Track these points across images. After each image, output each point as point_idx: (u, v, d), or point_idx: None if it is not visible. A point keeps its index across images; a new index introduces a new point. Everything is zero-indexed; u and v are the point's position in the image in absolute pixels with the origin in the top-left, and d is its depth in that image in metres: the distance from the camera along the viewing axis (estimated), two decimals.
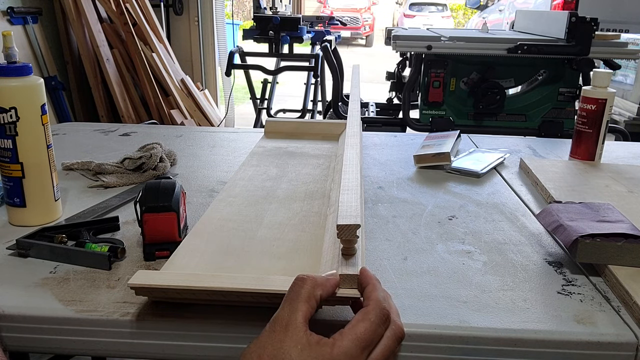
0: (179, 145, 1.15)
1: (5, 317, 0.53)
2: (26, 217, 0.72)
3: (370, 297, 0.44)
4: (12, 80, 0.67)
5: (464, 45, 2.11)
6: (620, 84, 3.00)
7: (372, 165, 1.03)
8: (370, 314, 0.42)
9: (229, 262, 0.59)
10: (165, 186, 0.64)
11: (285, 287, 0.50)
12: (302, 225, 0.69)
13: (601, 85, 0.98)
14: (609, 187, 0.89)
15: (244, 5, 11.99)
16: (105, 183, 0.87)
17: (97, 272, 0.60)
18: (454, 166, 1.00)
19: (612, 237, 0.61)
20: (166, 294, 0.52)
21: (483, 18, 7.16)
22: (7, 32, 0.68)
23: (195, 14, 4.46)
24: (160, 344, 0.52)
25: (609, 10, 4.07)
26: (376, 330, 0.42)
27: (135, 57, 3.60)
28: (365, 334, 0.41)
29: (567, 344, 0.51)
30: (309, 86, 3.60)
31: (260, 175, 0.88)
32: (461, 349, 0.51)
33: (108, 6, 3.57)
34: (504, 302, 0.56)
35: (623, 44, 2.11)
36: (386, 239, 0.71)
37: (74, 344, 0.53)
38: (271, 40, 3.30)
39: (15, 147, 0.68)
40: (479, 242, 0.70)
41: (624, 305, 0.56)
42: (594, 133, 1.00)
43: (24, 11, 3.20)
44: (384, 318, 0.42)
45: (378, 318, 0.42)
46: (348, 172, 0.67)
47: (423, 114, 2.26)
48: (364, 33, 13.93)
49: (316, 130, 1.16)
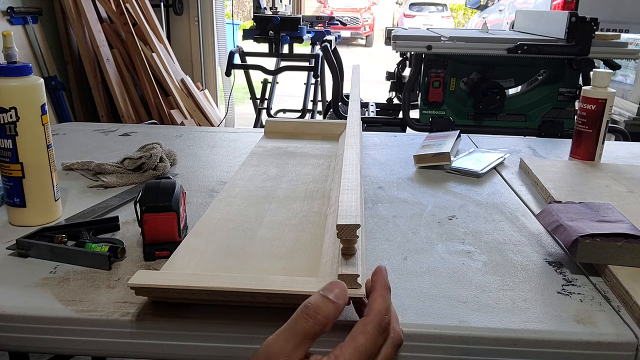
0: (179, 145, 1.15)
1: (5, 317, 0.53)
2: (26, 217, 0.72)
3: (372, 306, 0.43)
4: (12, 80, 0.67)
5: (464, 45, 2.11)
6: (620, 84, 3.00)
7: (372, 165, 1.03)
8: (369, 325, 0.41)
9: (229, 262, 0.59)
10: (165, 186, 0.64)
11: (285, 287, 0.50)
12: (302, 225, 0.69)
13: (601, 85, 0.98)
14: (609, 187, 0.89)
15: (244, 5, 11.99)
16: (105, 183, 0.87)
17: (97, 272, 0.60)
18: (454, 166, 1.00)
19: (612, 237, 0.61)
20: (166, 294, 0.52)
21: (483, 18, 7.16)
22: (7, 32, 0.68)
23: (195, 14, 4.46)
24: (160, 344, 0.52)
25: (609, 10, 4.07)
26: (375, 342, 0.41)
27: (135, 57, 3.60)
28: (365, 347, 0.40)
29: (567, 344, 0.51)
30: (309, 86, 3.60)
31: (260, 175, 0.88)
32: (461, 349, 0.51)
33: (108, 6, 3.58)
34: (504, 302, 0.56)
35: (623, 44, 2.11)
36: (386, 239, 0.71)
37: (74, 344, 0.53)
38: (271, 40, 3.30)
39: (15, 147, 0.68)
40: (479, 242, 0.70)
41: (624, 305, 0.56)
42: (594, 133, 1.00)
43: (24, 11, 3.20)
44: (382, 329, 0.42)
45: (377, 330, 0.41)
46: (348, 172, 0.67)
47: (423, 114, 2.26)
48: (364, 33, 13.93)
49: (316, 130, 1.16)
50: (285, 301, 0.50)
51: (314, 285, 0.50)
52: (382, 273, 0.46)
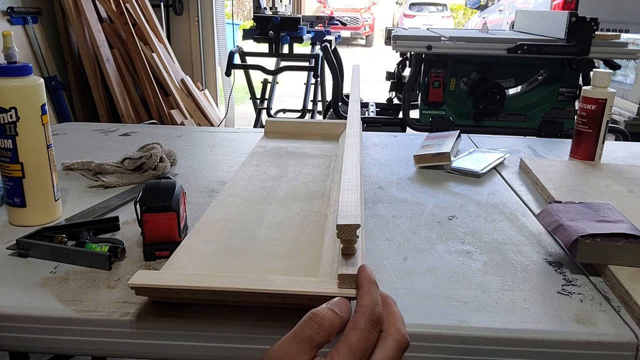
0: (179, 145, 1.15)
1: (5, 317, 0.53)
2: (26, 217, 0.72)
3: (360, 303, 0.43)
4: (12, 80, 0.67)
5: (464, 45, 2.11)
6: (620, 84, 3.00)
7: (372, 165, 1.03)
8: (360, 321, 0.41)
9: (229, 262, 0.59)
10: (165, 186, 0.64)
11: (285, 287, 0.50)
12: (302, 225, 0.69)
13: (601, 85, 0.98)
14: (609, 187, 0.89)
15: (244, 5, 11.99)
16: (105, 183, 0.87)
17: (97, 272, 0.60)
18: (454, 166, 1.00)
19: (612, 237, 0.61)
20: (166, 294, 0.52)
21: (483, 18, 7.16)
22: (7, 32, 0.68)
23: (195, 14, 4.46)
24: (160, 344, 0.52)
25: (609, 10, 4.07)
26: (368, 336, 0.41)
27: (135, 57, 3.60)
28: (358, 344, 0.40)
29: (567, 344, 0.51)
30: (309, 86, 3.60)
31: (260, 175, 0.88)
32: (461, 349, 0.51)
33: (108, 6, 3.58)
34: (504, 302, 0.56)
35: (623, 44, 2.11)
36: (386, 239, 0.71)
37: (74, 344, 0.53)
38: (271, 40, 3.30)
39: (15, 147, 0.68)
40: (479, 242, 0.70)
41: (624, 305, 0.56)
42: (594, 133, 1.00)
43: (24, 11, 3.20)
44: (374, 322, 0.42)
45: (368, 324, 0.41)
46: (348, 172, 0.67)
47: (423, 114, 2.26)
48: (364, 33, 13.93)
49: (316, 130, 1.16)
50: (285, 301, 0.50)
51: (314, 285, 0.50)
52: (365, 270, 0.47)
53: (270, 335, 0.51)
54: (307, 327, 0.40)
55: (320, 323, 0.40)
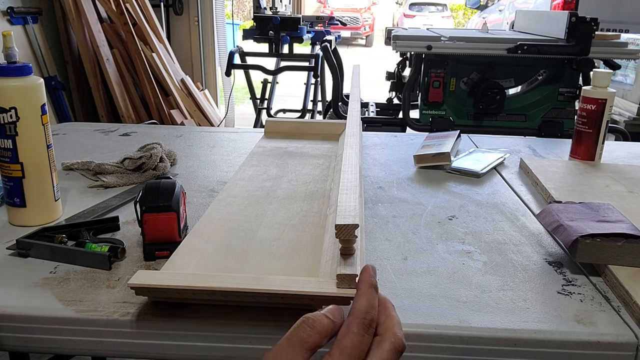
0: (179, 145, 1.15)
1: (5, 317, 0.53)
2: (26, 217, 0.72)
3: (354, 306, 0.43)
4: (12, 80, 0.67)
5: (464, 45, 2.11)
6: (620, 84, 3.00)
7: (372, 165, 1.03)
8: (353, 325, 0.42)
9: (229, 262, 0.59)
10: (165, 186, 0.64)
11: (285, 287, 0.50)
12: (302, 225, 0.69)
13: (601, 85, 0.98)
14: (609, 187, 0.89)
15: (244, 5, 11.99)
16: (105, 183, 0.87)
17: (97, 272, 0.60)
18: (454, 166, 1.00)
19: (612, 237, 0.61)
20: (166, 294, 0.52)
21: (483, 18, 7.16)
22: (7, 32, 0.68)
23: (195, 14, 4.46)
24: (160, 344, 0.52)
25: (609, 10, 4.07)
26: (361, 340, 0.41)
27: (135, 57, 3.60)
28: (351, 348, 0.40)
29: (567, 344, 0.51)
30: (309, 86, 3.60)
31: (260, 175, 0.88)
32: (461, 349, 0.51)
33: (108, 6, 3.58)
34: (504, 302, 0.56)
35: (623, 44, 2.11)
36: (386, 239, 0.71)
37: (74, 344, 0.53)
38: (271, 40, 3.30)
39: (15, 147, 0.68)
40: (479, 242, 0.70)
41: (624, 305, 0.56)
42: (594, 133, 1.00)
43: (24, 11, 3.20)
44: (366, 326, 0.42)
45: (361, 328, 0.42)
46: (347, 172, 0.67)
47: (423, 114, 2.26)
48: (364, 33, 13.93)
49: (316, 130, 1.16)
50: (285, 301, 0.50)
51: (314, 285, 0.50)
52: (368, 271, 0.46)
53: (270, 335, 0.51)
54: (300, 330, 0.40)
55: (312, 325, 0.40)
